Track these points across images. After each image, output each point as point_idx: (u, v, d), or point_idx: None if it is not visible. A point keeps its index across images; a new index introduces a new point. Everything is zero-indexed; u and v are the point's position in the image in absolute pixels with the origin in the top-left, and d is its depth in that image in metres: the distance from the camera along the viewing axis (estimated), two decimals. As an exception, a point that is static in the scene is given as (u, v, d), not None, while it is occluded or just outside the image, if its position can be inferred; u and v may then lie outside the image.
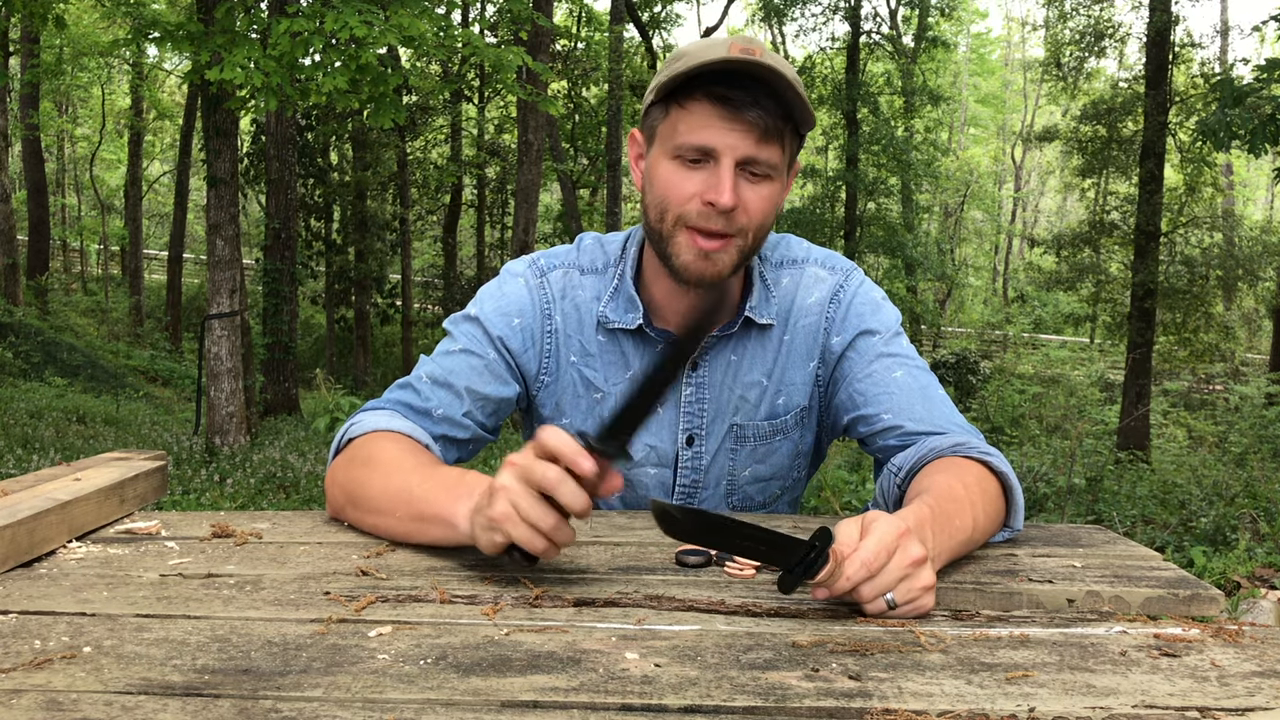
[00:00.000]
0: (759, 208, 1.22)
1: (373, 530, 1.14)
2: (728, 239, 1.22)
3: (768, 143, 1.19)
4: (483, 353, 1.32)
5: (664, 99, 1.23)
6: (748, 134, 1.18)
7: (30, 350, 14.40)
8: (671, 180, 1.22)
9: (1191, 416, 14.70)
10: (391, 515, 1.09)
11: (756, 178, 1.21)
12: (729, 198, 1.18)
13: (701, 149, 1.19)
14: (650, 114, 1.27)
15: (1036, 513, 6.07)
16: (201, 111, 10.32)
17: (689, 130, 1.19)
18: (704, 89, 1.18)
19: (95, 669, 0.73)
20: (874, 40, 20.53)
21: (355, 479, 1.17)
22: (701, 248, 1.21)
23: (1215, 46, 20.75)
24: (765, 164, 1.20)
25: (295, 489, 7.40)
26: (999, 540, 1.17)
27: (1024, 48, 38.48)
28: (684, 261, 1.23)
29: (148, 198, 26.41)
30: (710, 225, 1.20)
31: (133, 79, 22.05)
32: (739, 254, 1.24)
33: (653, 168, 1.25)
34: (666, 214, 1.23)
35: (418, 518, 1.06)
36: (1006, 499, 1.16)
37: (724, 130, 1.18)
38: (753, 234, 1.23)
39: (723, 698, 0.70)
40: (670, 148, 1.22)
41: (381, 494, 1.11)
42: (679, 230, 1.22)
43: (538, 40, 10.95)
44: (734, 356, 1.36)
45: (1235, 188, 27.50)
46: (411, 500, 1.07)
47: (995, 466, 1.16)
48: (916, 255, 19.65)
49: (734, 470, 1.39)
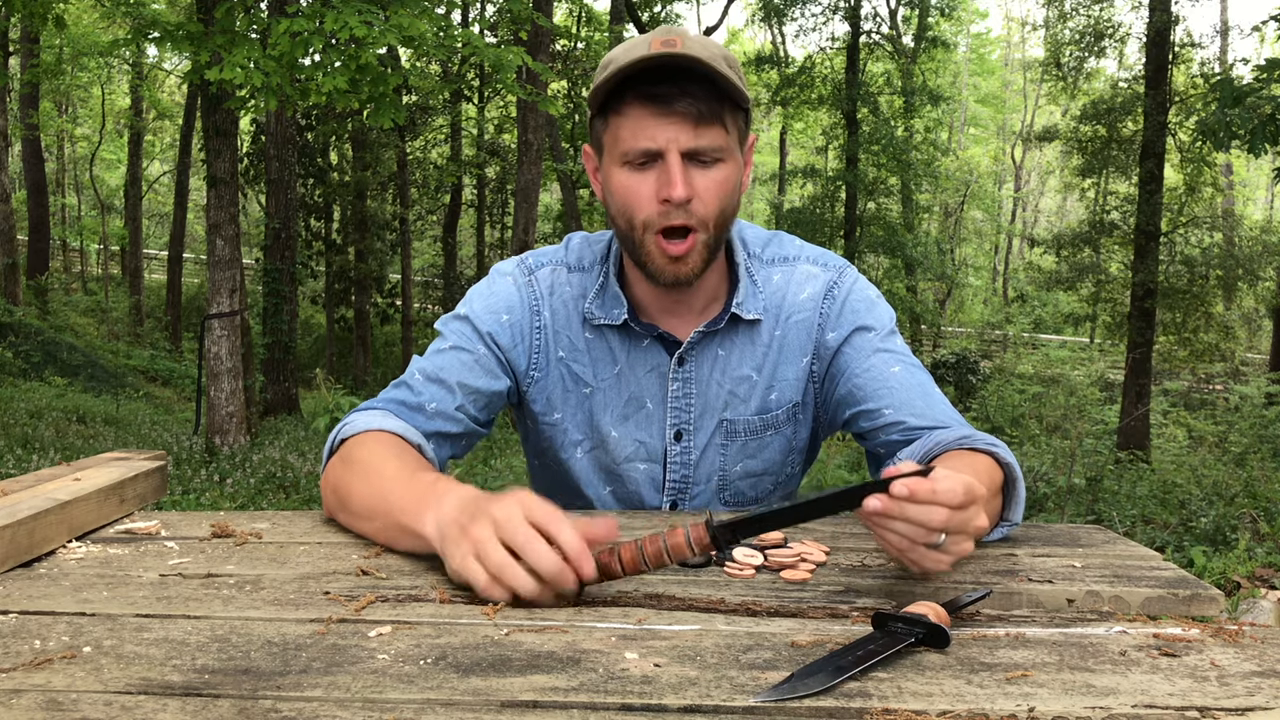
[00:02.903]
0: (714, 194, 1.23)
1: (362, 534, 1.14)
2: (691, 235, 1.23)
3: (706, 128, 1.20)
4: (473, 348, 1.34)
5: (601, 110, 1.25)
6: (683, 125, 1.19)
7: (30, 350, 14.39)
8: (627, 186, 1.23)
9: (1191, 416, 14.69)
10: (373, 522, 1.10)
11: (706, 164, 1.22)
12: (680, 189, 1.19)
13: (644, 151, 1.21)
14: (594, 127, 1.29)
15: (1036, 513, 6.07)
16: (201, 111, 10.32)
17: (629, 135, 1.21)
18: (633, 90, 1.20)
19: (95, 669, 0.73)
20: (874, 40, 20.53)
21: (343, 483, 1.17)
22: (669, 253, 1.23)
23: (1215, 46, 20.76)
24: (710, 150, 1.21)
25: (295, 489, 7.41)
26: (996, 539, 1.17)
27: (1024, 48, 38.49)
28: (657, 267, 1.25)
29: (148, 198, 26.41)
30: (672, 221, 1.22)
31: (132, 79, 22.06)
32: (705, 249, 1.25)
33: (608, 179, 1.27)
34: (634, 222, 1.24)
35: (395, 527, 1.06)
36: (1006, 493, 1.16)
37: (660, 126, 1.19)
38: (713, 222, 1.24)
39: (723, 698, 0.70)
40: (617, 155, 1.24)
41: (364, 500, 1.12)
42: (647, 236, 1.24)
43: (538, 40, 10.94)
44: (721, 351, 1.36)
45: (1235, 188, 27.49)
46: (389, 510, 1.07)
47: (1001, 458, 1.16)
48: (916, 255, 19.66)
49: (725, 466, 1.39)
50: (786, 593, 0.95)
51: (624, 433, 1.37)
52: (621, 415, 1.37)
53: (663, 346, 1.36)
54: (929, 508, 0.87)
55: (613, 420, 1.37)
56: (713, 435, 1.38)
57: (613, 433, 1.37)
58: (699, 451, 1.38)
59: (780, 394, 1.38)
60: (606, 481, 1.41)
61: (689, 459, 1.38)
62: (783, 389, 1.38)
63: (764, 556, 1.04)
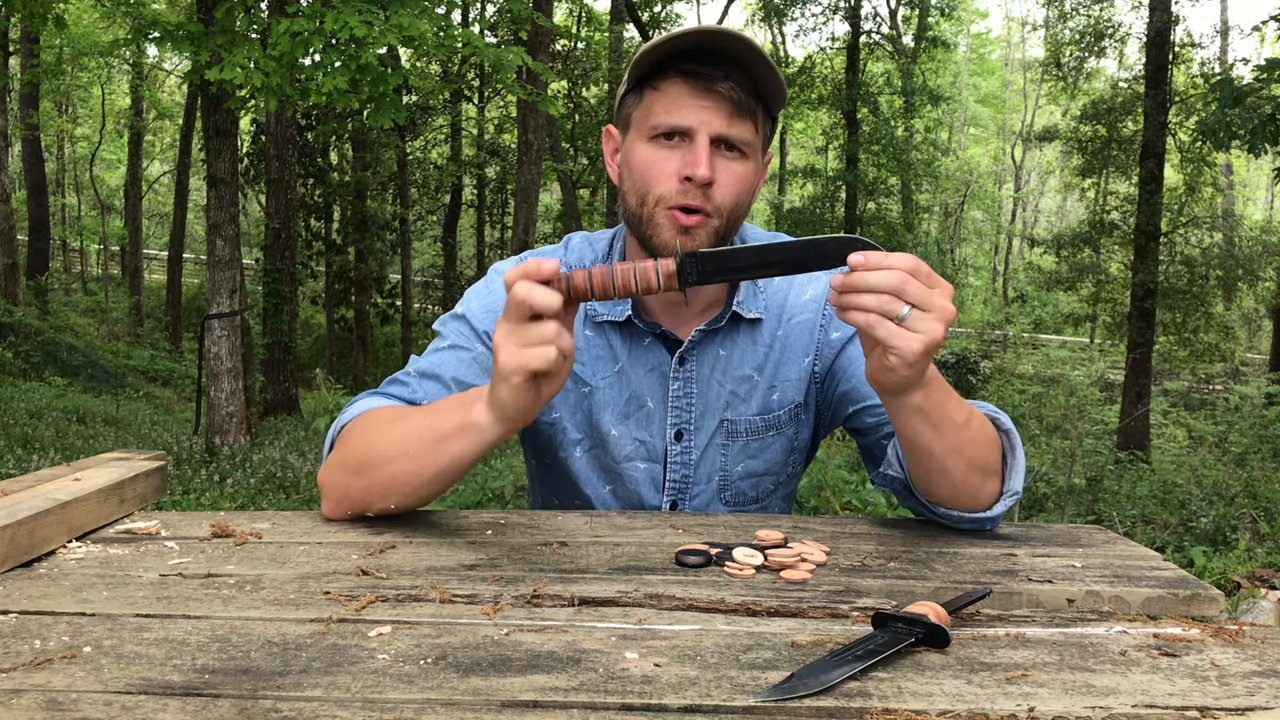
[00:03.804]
0: (733, 186, 1.24)
1: (384, 486, 1.14)
2: (705, 216, 1.23)
3: (740, 119, 1.21)
4: (470, 346, 1.34)
5: (636, 85, 1.26)
6: (720, 108, 1.20)
7: (30, 350, 14.40)
8: (649, 161, 1.24)
9: (1191, 416, 14.70)
10: (404, 455, 1.12)
11: (731, 155, 1.23)
12: (705, 169, 1.20)
13: (676, 128, 1.21)
14: (624, 103, 1.29)
15: (1036, 513, 6.07)
16: (201, 111, 10.32)
17: (663, 110, 1.22)
18: (675, 68, 1.21)
19: (95, 669, 0.73)
20: (874, 40, 20.54)
21: (355, 446, 1.18)
22: (681, 223, 1.23)
23: (1215, 46, 20.79)
24: (739, 141, 1.22)
25: (295, 489, 7.41)
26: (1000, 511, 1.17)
27: (1024, 48, 38.50)
28: (664, 239, 1.24)
29: (148, 198, 26.42)
30: (689, 201, 1.22)
31: (133, 79, 22.06)
32: (715, 233, 1.25)
33: (629, 152, 1.27)
34: (647, 196, 1.24)
35: (436, 440, 1.09)
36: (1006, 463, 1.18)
37: (697, 107, 1.20)
38: (727, 214, 1.25)
39: (723, 698, 0.70)
40: (645, 129, 1.24)
41: (389, 442, 1.14)
42: (659, 211, 1.24)
43: (538, 40, 10.94)
44: (722, 351, 1.36)
45: (1235, 188, 27.50)
46: (423, 431, 1.11)
47: (1002, 424, 1.18)
48: (916, 255, 19.65)
49: (726, 466, 1.39)
50: (786, 593, 0.95)
51: (624, 432, 1.37)
52: (622, 414, 1.37)
53: (664, 345, 1.36)
54: (885, 272, 0.93)
55: (613, 419, 1.37)
56: (713, 435, 1.38)
57: (612, 431, 1.37)
58: (699, 451, 1.38)
59: (782, 394, 1.38)
60: (606, 481, 1.41)
61: (689, 458, 1.38)
62: (785, 389, 1.38)
63: (764, 556, 1.04)
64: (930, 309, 0.94)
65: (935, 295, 0.95)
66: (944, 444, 1.08)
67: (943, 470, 1.11)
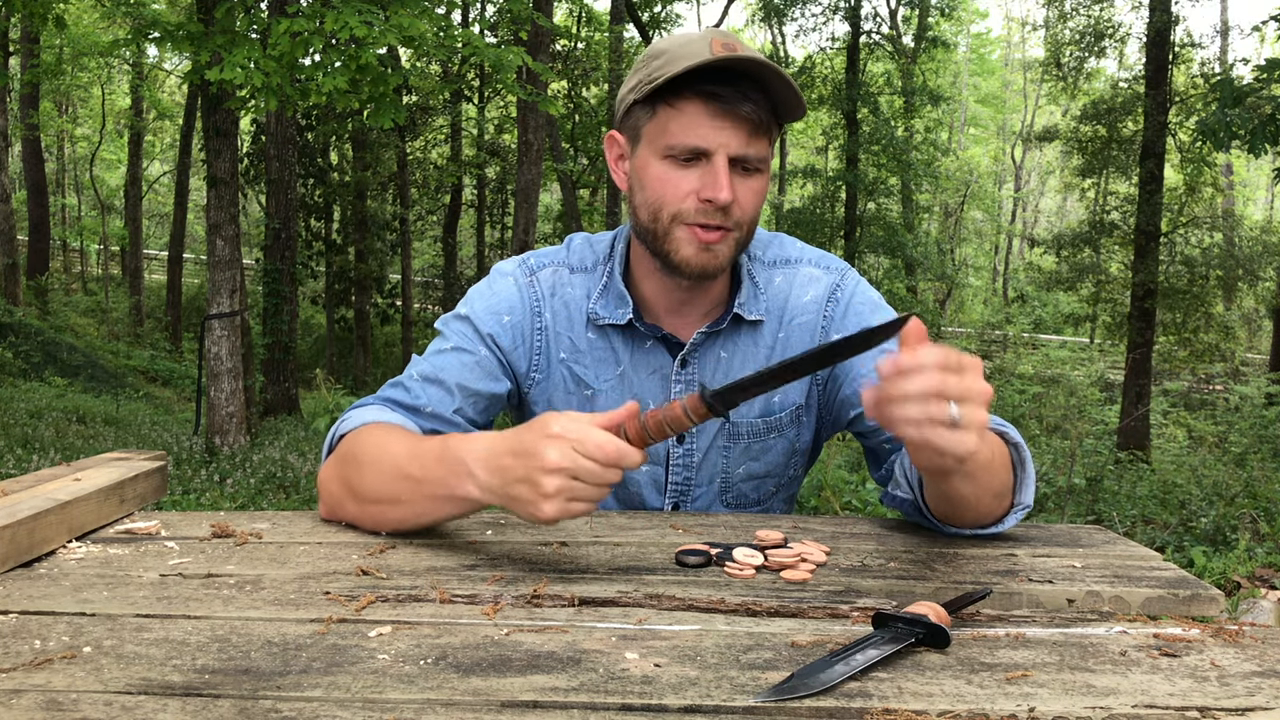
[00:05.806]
0: (751, 202, 1.25)
1: (374, 519, 1.14)
2: (726, 232, 1.24)
3: (757, 138, 1.22)
4: (474, 349, 1.33)
5: (649, 99, 1.24)
6: (739, 130, 1.20)
7: (30, 350, 14.39)
8: (665, 179, 1.23)
9: (1191, 416, 14.70)
10: (396, 502, 1.11)
11: (747, 172, 1.24)
12: (727, 193, 1.20)
13: (695, 149, 1.21)
14: (633, 114, 1.27)
15: (1036, 513, 6.07)
16: (201, 111, 10.32)
17: (680, 130, 1.21)
18: (693, 87, 1.20)
19: (95, 669, 0.73)
20: (874, 40, 20.51)
21: (350, 473, 1.17)
22: (703, 240, 1.23)
23: (1215, 46, 20.78)
24: (756, 159, 1.23)
25: (295, 489, 7.40)
26: (1012, 525, 1.17)
27: (1024, 48, 38.47)
28: (685, 256, 1.24)
29: (148, 198, 26.41)
30: (709, 221, 1.22)
31: (133, 79, 22.05)
32: (735, 245, 1.26)
33: (642, 169, 1.26)
34: (661, 213, 1.24)
35: (428, 498, 1.08)
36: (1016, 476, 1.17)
37: (716, 129, 1.20)
38: (746, 226, 1.26)
39: (723, 698, 0.70)
40: (661, 147, 1.23)
41: (383, 482, 1.12)
42: (676, 227, 1.24)
43: (538, 40, 10.94)
44: (724, 353, 1.36)
45: (1235, 188, 27.48)
46: (415, 485, 1.09)
47: (1011, 437, 1.17)
48: (916, 255, 19.64)
49: (728, 468, 1.39)
50: (786, 593, 0.95)
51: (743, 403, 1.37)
52: None
53: (665, 348, 1.36)
54: (920, 376, 0.87)
55: None
56: (715, 437, 1.38)
57: None
58: (701, 453, 1.38)
59: (784, 396, 1.38)
60: None
61: (691, 461, 1.38)
62: (786, 391, 1.38)
63: (764, 556, 1.04)
64: (970, 398, 0.89)
65: (970, 381, 0.90)
66: (973, 488, 1.07)
67: (965, 503, 1.11)
